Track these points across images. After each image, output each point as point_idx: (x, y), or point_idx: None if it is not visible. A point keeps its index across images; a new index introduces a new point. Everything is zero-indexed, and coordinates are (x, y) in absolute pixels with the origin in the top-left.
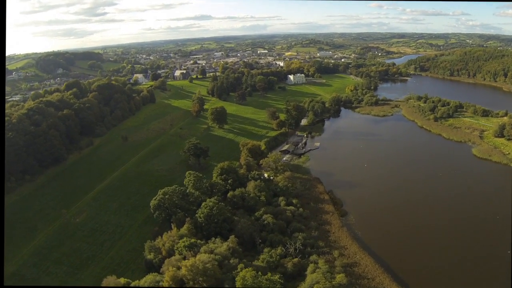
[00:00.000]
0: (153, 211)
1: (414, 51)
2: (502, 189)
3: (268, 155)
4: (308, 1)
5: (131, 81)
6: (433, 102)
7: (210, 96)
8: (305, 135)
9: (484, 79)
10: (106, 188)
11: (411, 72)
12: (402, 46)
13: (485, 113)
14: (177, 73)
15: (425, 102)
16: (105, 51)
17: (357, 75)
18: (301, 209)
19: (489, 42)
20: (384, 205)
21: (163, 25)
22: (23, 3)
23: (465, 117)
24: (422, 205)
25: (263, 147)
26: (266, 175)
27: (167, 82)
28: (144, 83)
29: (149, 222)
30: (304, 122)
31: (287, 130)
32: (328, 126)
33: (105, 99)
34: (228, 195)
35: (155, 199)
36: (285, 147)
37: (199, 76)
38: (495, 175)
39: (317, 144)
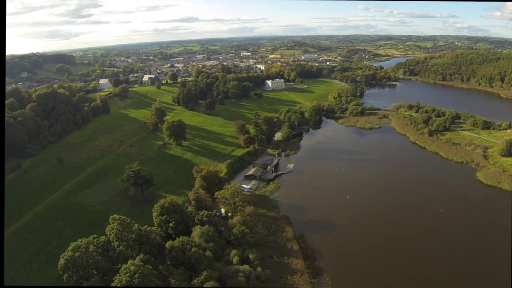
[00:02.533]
0: (61, 272)
1: (402, 53)
2: None
3: (226, 185)
4: (295, 3)
5: (90, 87)
6: (426, 111)
7: (176, 104)
8: (277, 154)
9: (479, 84)
10: (23, 228)
11: (400, 76)
12: (389, 48)
13: (486, 125)
14: (146, 78)
15: (417, 111)
16: (85, 53)
17: (342, 80)
18: (259, 269)
19: (478, 44)
20: (372, 258)
21: (150, 27)
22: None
23: (463, 129)
24: (423, 259)
25: (223, 172)
26: (223, 211)
27: (131, 89)
28: (106, 89)
29: (64, 282)
30: (278, 136)
31: (256, 147)
32: (306, 141)
33: (46, 110)
34: (167, 245)
35: (63, 257)
36: (251, 171)
37: (169, 82)
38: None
39: (291, 166)
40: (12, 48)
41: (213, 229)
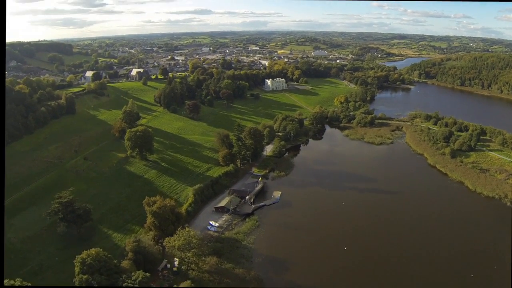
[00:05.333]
0: None
1: (417, 53)
2: None
3: (179, 230)
4: None
5: (66, 81)
6: (446, 125)
7: (158, 105)
8: (261, 178)
9: (501, 91)
10: None
11: (415, 79)
12: (403, 47)
13: None
14: (134, 72)
15: (435, 123)
16: (92, 42)
17: (351, 81)
18: None
19: (493, 47)
20: None
21: (163, 18)
22: None
23: (491, 150)
24: None
25: (189, 201)
26: (176, 262)
27: (110, 84)
28: (87, 83)
29: None
30: (268, 151)
31: (238, 165)
32: (302, 157)
33: None
34: None
35: None
36: (224, 201)
37: (159, 77)
38: None
39: (277, 194)
40: (27, 35)
41: None
